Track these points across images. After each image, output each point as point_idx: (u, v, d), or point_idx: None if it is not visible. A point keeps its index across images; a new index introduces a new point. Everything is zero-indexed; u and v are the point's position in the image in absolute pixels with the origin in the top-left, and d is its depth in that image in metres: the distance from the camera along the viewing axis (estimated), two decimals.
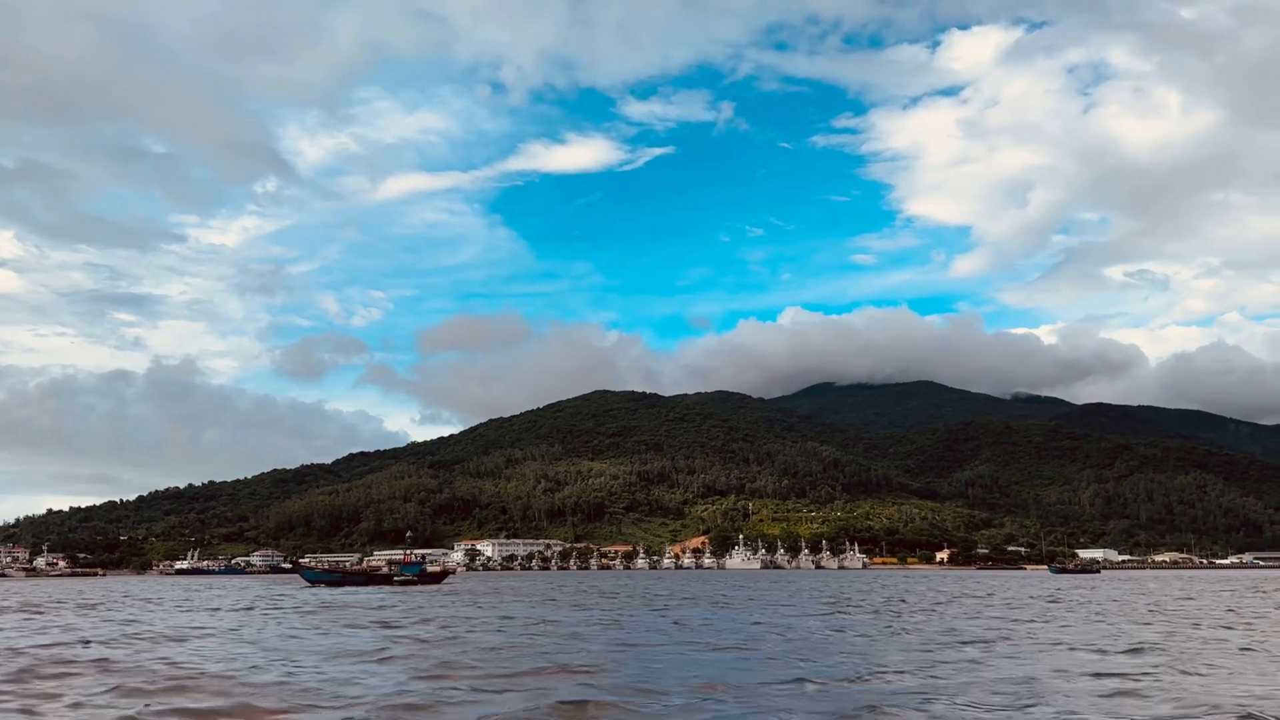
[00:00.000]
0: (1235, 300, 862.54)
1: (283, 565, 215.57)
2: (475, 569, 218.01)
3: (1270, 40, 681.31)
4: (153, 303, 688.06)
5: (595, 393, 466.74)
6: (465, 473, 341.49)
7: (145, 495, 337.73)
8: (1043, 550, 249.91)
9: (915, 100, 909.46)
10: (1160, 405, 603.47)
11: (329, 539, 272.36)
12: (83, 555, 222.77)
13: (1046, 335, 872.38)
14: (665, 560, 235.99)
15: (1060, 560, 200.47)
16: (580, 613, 38.79)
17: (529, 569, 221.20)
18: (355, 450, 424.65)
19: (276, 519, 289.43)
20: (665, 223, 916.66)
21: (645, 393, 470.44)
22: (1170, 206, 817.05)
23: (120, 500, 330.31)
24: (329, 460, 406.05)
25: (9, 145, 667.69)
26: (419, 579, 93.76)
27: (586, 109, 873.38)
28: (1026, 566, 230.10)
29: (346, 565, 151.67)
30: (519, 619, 35.07)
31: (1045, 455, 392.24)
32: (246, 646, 24.24)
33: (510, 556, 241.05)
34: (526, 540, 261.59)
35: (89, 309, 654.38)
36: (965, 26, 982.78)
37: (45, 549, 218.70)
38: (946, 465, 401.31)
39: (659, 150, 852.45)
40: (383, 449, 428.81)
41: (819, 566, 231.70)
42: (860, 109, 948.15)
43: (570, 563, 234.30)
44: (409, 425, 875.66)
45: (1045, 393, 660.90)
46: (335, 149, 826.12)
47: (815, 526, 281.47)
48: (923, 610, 39.38)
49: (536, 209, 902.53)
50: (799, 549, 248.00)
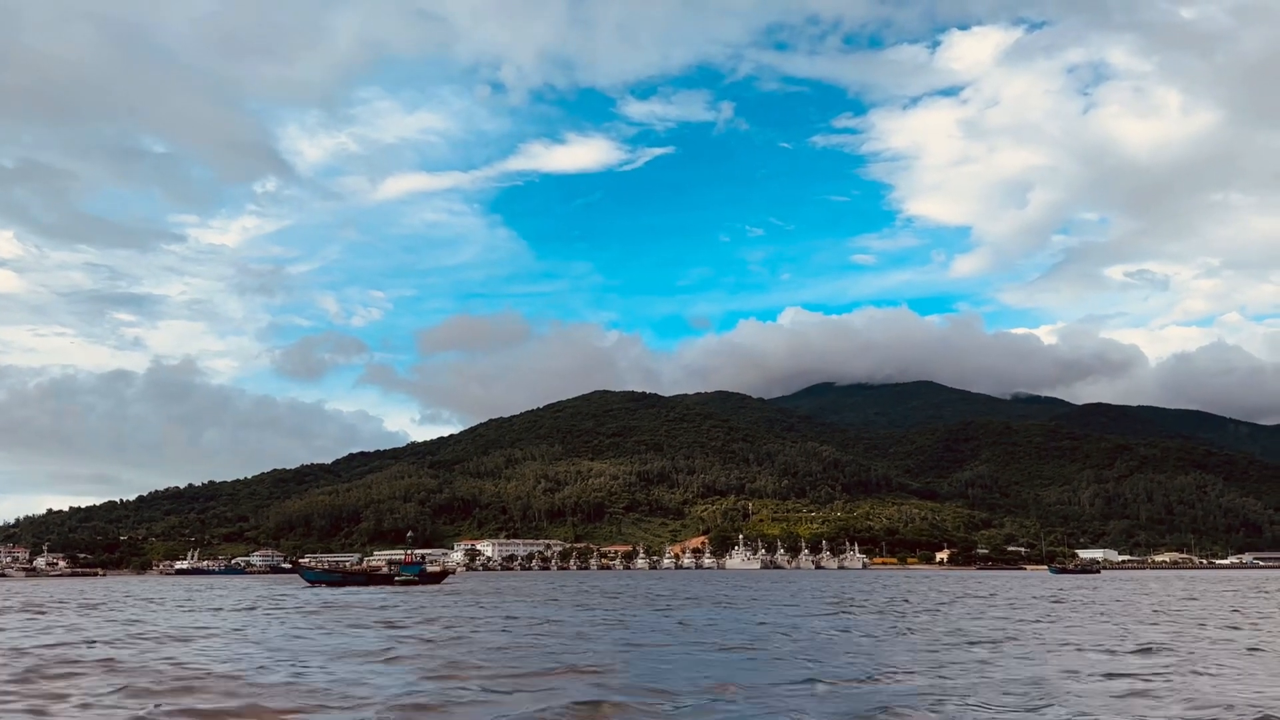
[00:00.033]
0: (1235, 300, 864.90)
1: (283, 565, 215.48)
2: (475, 569, 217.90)
3: (1270, 40, 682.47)
4: (152, 303, 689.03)
5: (595, 393, 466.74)
6: (465, 473, 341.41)
7: (145, 495, 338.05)
8: (1043, 550, 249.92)
9: (915, 100, 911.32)
10: (1160, 405, 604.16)
11: (329, 539, 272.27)
12: (83, 555, 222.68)
13: (1046, 335, 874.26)
14: (665, 560, 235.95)
15: (1060, 560, 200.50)
16: (584, 613, 38.72)
17: (529, 569, 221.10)
18: (355, 450, 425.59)
19: (276, 519, 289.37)
20: (665, 223, 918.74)
21: (645, 393, 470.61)
22: (1170, 207, 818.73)
23: (120, 500, 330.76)
24: (329, 460, 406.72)
25: (9, 145, 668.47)
26: (419, 579, 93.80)
27: (586, 109, 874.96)
28: (1026, 567, 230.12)
29: (346, 565, 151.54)
30: (523, 619, 35.01)
31: (1045, 455, 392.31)
32: (252, 647, 24.17)
33: (510, 557, 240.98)
34: (526, 540, 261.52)
35: (89, 309, 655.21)
36: (965, 27, 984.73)
37: (45, 549, 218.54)
38: (946, 465, 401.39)
39: (659, 150, 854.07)
40: (383, 449, 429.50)
41: (819, 567, 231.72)
42: (860, 109, 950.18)
43: (570, 563, 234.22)
44: (409, 425, 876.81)
45: (1045, 393, 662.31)
46: (335, 149, 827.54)
47: (815, 527, 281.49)
48: (926, 610, 39.33)
49: (536, 209, 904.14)
50: (799, 549, 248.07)
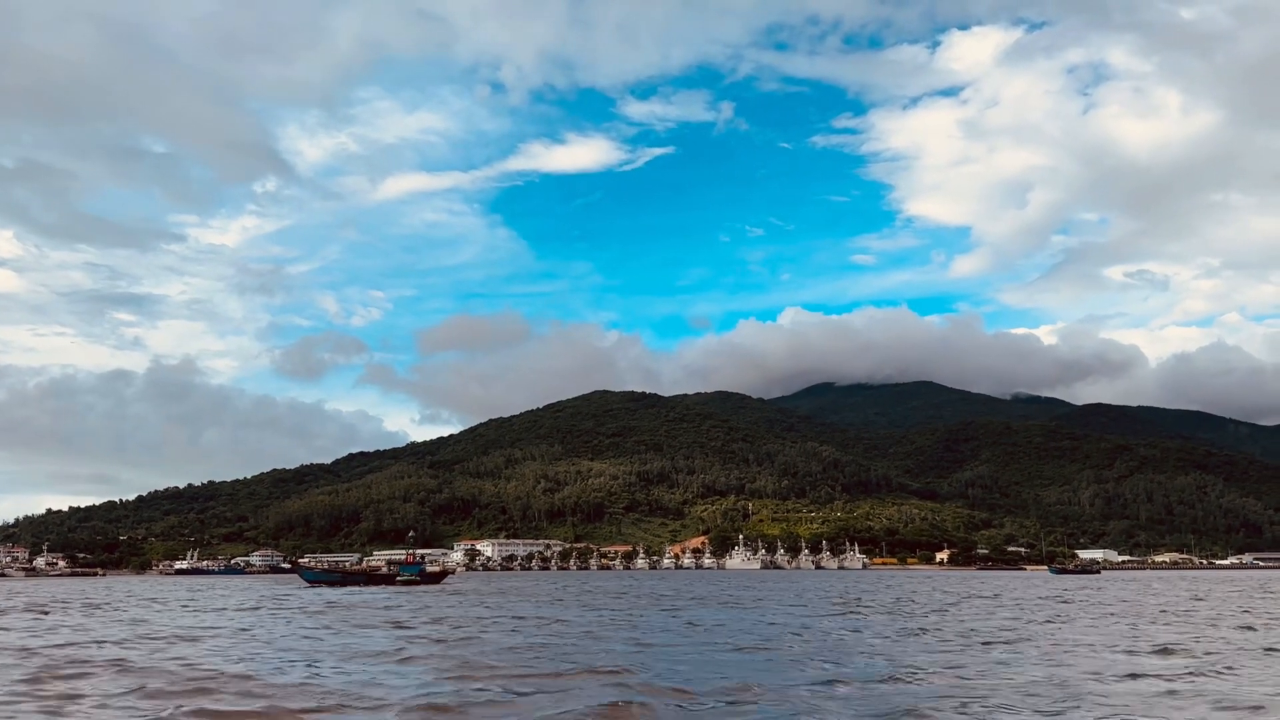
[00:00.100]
0: (1235, 301, 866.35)
1: (282, 565, 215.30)
2: (475, 569, 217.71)
3: (1270, 40, 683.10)
4: (152, 302, 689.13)
5: (595, 393, 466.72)
6: (465, 473, 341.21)
7: (145, 495, 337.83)
8: (1043, 551, 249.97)
9: (915, 100, 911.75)
10: (1160, 406, 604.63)
11: (328, 539, 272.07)
12: (82, 555, 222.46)
13: (1046, 335, 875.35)
14: (665, 560, 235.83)
15: (1060, 561, 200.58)
16: (590, 613, 38.57)
17: (529, 569, 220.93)
18: (355, 450, 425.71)
19: (276, 519, 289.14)
20: (665, 223, 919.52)
21: (645, 393, 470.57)
22: (1170, 207, 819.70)
23: (120, 500, 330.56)
24: (328, 460, 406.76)
25: (9, 145, 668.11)
26: (419, 579, 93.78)
27: (586, 109, 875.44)
28: (1026, 567, 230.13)
29: (346, 565, 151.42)
30: (530, 619, 34.86)
31: (1045, 455, 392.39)
32: (261, 647, 24.01)
33: (510, 557, 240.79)
34: (526, 540, 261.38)
35: (88, 309, 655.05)
36: (965, 27, 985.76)
37: (45, 549, 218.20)
38: (946, 465, 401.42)
39: (659, 150, 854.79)
40: (382, 449, 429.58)
41: (819, 567, 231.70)
42: (860, 109, 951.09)
43: (570, 563, 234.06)
44: (409, 425, 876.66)
45: (1045, 393, 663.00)
46: (335, 149, 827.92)
47: (815, 527, 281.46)
48: (935, 611, 39.19)
49: (536, 209, 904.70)
50: (799, 549, 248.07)
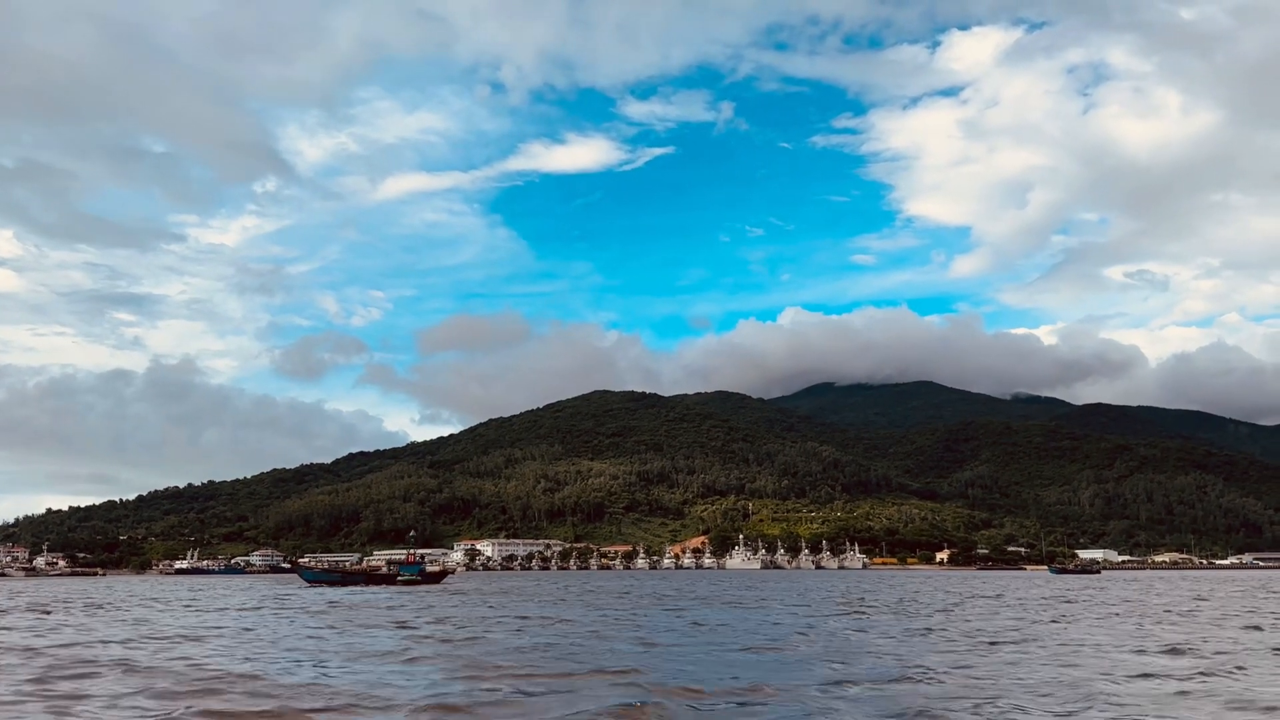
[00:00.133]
0: (1235, 301, 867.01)
1: (282, 565, 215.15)
2: (475, 569, 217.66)
3: (1270, 40, 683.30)
4: (152, 302, 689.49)
5: (595, 393, 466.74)
6: (465, 473, 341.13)
7: (145, 495, 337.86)
8: (1043, 551, 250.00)
9: (915, 100, 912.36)
10: (1160, 406, 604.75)
11: (328, 539, 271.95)
12: (82, 555, 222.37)
13: (1046, 335, 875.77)
14: (665, 560, 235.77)
15: (1060, 561, 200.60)
16: (594, 613, 38.49)
17: (529, 569, 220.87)
18: (355, 450, 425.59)
19: (276, 519, 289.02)
20: (665, 223, 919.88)
21: (645, 393, 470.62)
22: (1170, 207, 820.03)
23: (119, 500, 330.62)
24: (328, 460, 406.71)
25: (9, 145, 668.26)
26: (420, 579, 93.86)
27: (586, 109, 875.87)
28: (1026, 567, 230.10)
29: (346, 565, 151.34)
30: (534, 619, 34.77)
31: (1045, 455, 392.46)
32: (267, 647, 23.92)
33: (510, 556, 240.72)
34: (526, 540, 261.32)
35: (88, 308, 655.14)
36: (965, 27, 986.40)
37: (45, 549, 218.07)
38: (946, 465, 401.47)
39: (659, 150, 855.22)
40: (382, 449, 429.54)
41: (819, 567, 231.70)
42: (860, 109, 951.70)
43: (570, 563, 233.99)
44: (409, 425, 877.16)
45: (1045, 393, 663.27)
46: (335, 149, 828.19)
47: (815, 527, 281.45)
48: (940, 610, 39.12)
49: (536, 209, 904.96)
50: (799, 549, 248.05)
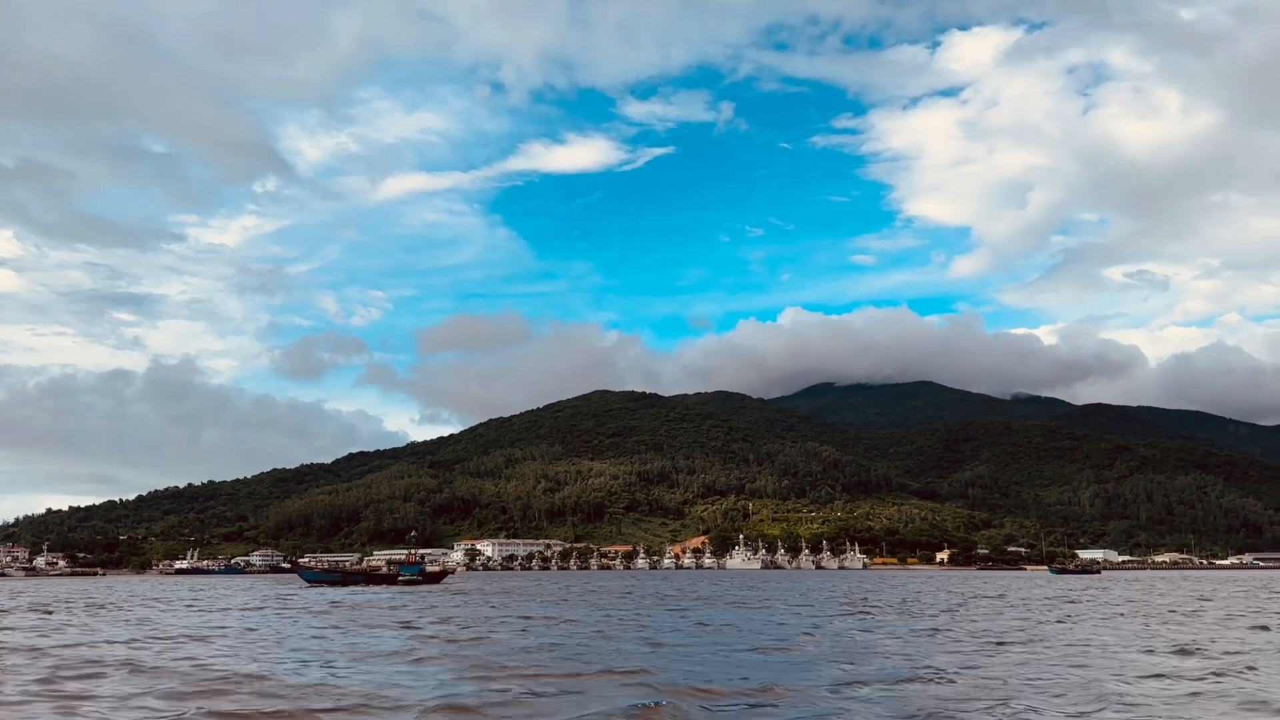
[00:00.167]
0: (1235, 301, 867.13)
1: (282, 565, 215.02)
2: (475, 569, 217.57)
3: (1270, 41, 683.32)
4: (152, 302, 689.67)
5: (595, 393, 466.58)
6: (465, 473, 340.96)
7: (145, 495, 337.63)
8: (1043, 551, 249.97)
9: (915, 101, 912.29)
10: (1160, 406, 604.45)
11: (328, 539, 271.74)
12: (82, 555, 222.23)
13: (1046, 336, 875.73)
14: (665, 560, 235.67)
15: (1060, 561, 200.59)
16: (597, 613, 38.41)
17: (529, 569, 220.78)
18: (355, 450, 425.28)
19: (276, 519, 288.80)
20: (665, 223, 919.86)
21: (645, 393, 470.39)
22: (1170, 207, 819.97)
23: (119, 500, 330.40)
24: (328, 460, 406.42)
25: (9, 145, 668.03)
26: (420, 579, 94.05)
27: (586, 109, 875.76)
28: (1026, 567, 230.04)
29: (346, 565, 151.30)
30: (538, 619, 34.70)
31: (1045, 456, 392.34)
32: (272, 647, 23.83)
33: (510, 556, 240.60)
34: (526, 540, 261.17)
35: (88, 308, 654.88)
36: (965, 27, 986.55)
37: (45, 548, 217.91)
38: (946, 465, 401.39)
39: (659, 150, 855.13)
40: (382, 449, 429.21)
41: (819, 567, 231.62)
42: (860, 109, 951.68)
43: (570, 563, 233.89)
44: (408, 425, 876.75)
45: (1045, 393, 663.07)
46: (335, 149, 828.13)
47: (815, 527, 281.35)
48: (944, 611, 39.04)
49: (536, 209, 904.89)
50: (799, 549, 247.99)
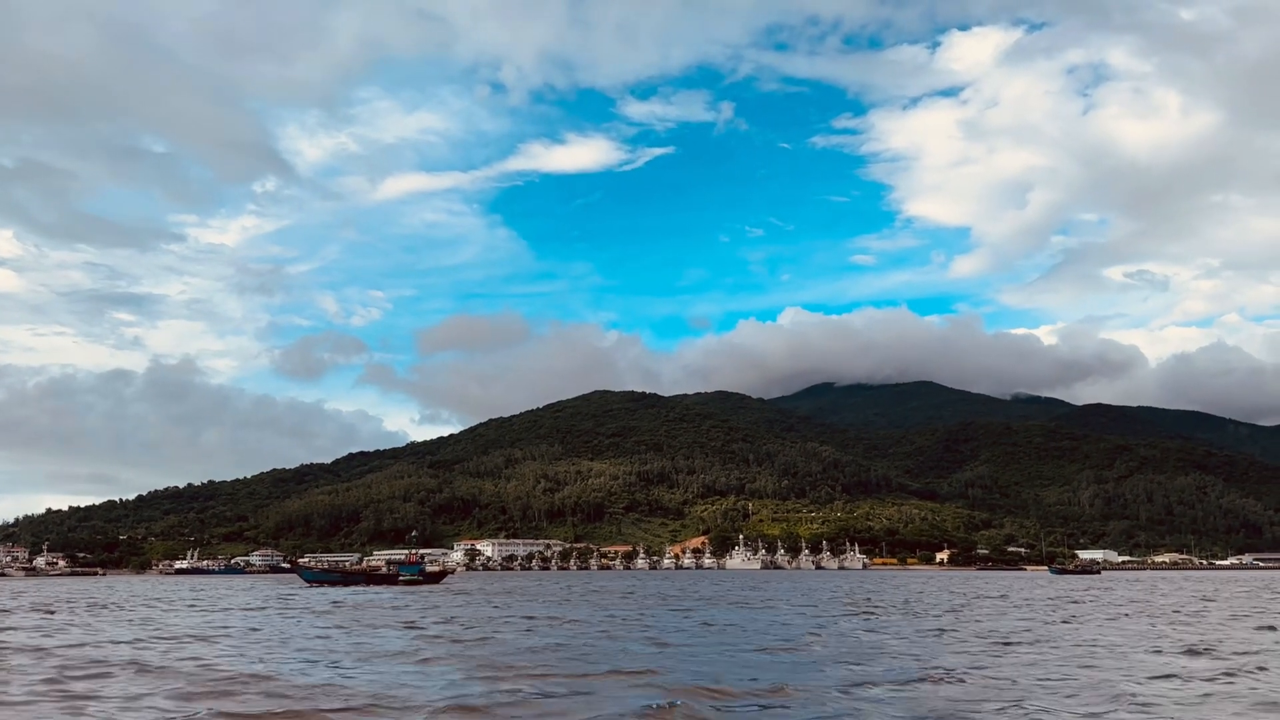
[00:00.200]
0: (1235, 301, 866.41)
1: (282, 565, 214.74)
2: (475, 569, 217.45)
3: (1270, 41, 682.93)
4: (152, 302, 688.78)
5: (595, 393, 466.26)
6: (465, 473, 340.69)
7: (144, 495, 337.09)
8: (1042, 551, 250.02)
9: (915, 101, 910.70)
10: (1160, 406, 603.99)
11: (328, 539, 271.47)
12: (82, 555, 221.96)
13: (1046, 336, 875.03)
14: (665, 560, 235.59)
15: (1060, 561, 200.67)
16: (601, 613, 38.35)
17: (529, 569, 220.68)
18: (355, 450, 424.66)
19: (276, 519, 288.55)
20: (665, 223, 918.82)
21: (645, 393, 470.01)
22: (1170, 208, 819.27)
23: (119, 500, 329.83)
24: (328, 460, 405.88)
25: (9, 145, 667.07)
26: (421, 578, 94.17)
27: (586, 109, 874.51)
28: (1026, 567, 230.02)
29: (345, 565, 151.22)
30: (541, 619, 34.64)
31: (1045, 456, 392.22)
32: (277, 647, 23.76)
33: (510, 556, 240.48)
34: (526, 540, 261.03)
35: (88, 308, 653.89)
36: (965, 27, 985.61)
37: (45, 548, 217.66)
38: (946, 466, 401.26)
39: (659, 150, 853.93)
40: (382, 449, 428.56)
41: (819, 567, 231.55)
42: (860, 109, 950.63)
43: (570, 563, 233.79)
44: (408, 425, 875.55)
45: (1045, 393, 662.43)
46: (335, 149, 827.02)
47: (815, 527, 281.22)
48: (948, 611, 38.98)
49: (536, 209, 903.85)
50: (799, 549, 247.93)
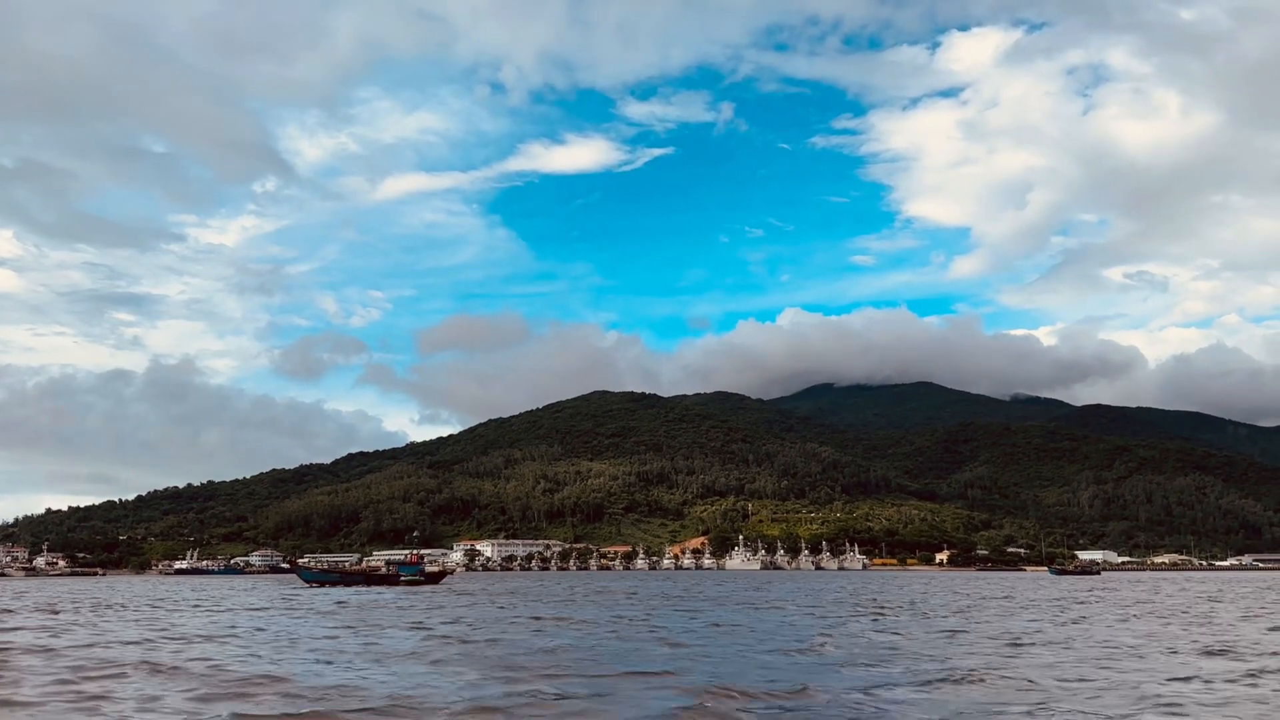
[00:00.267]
0: (1234, 302, 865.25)
1: (282, 565, 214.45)
2: (475, 569, 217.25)
3: (1270, 42, 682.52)
4: (151, 302, 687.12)
5: (594, 393, 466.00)
6: (464, 473, 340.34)
7: (144, 495, 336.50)
8: (1042, 552, 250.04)
9: (915, 101, 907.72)
10: (1159, 407, 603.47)
11: (328, 539, 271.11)
12: (82, 555, 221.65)
13: (1046, 336, 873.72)
14: (665, 561, 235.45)
15: (1060, 562, 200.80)
16: (607, 613, 38.22)
17: (528, 570, 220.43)
18: (354, 450, 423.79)
19: (275, 519, 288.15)
20: (664, 223, 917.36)
21: (644, 393, 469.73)
22: (1169, 208, 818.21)
23: (119, 500, 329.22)
24: (328, 460, 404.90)
25: (9, 145, 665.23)
26: (421, 579, 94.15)
27: (586, 109, 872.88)
28: (1026, 568, 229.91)
29: (345, 566, 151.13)
30: (548, 619, 34.52)
31: (1044, 456, 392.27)
32: (286, 647, 23.64)
33: (510, 557, 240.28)
34: (526, 541, 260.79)
35: (88, 308, 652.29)
36: (965, 28, 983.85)
37: (44, 549, 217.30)
38: (946, 466, 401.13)
39: (658, 151, 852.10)
40: (382, 449, 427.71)
41: (819, 568, 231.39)
42: (860, 110, 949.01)
43: (570, 563, 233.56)
44: (408, 425, 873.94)
45: (1044, 394, 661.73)
46: (335, 149, 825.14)
47: (815, 527, 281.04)
48: (956, 612, 38.89)
49: (536, 209, 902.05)
50: (799, 550, 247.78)
